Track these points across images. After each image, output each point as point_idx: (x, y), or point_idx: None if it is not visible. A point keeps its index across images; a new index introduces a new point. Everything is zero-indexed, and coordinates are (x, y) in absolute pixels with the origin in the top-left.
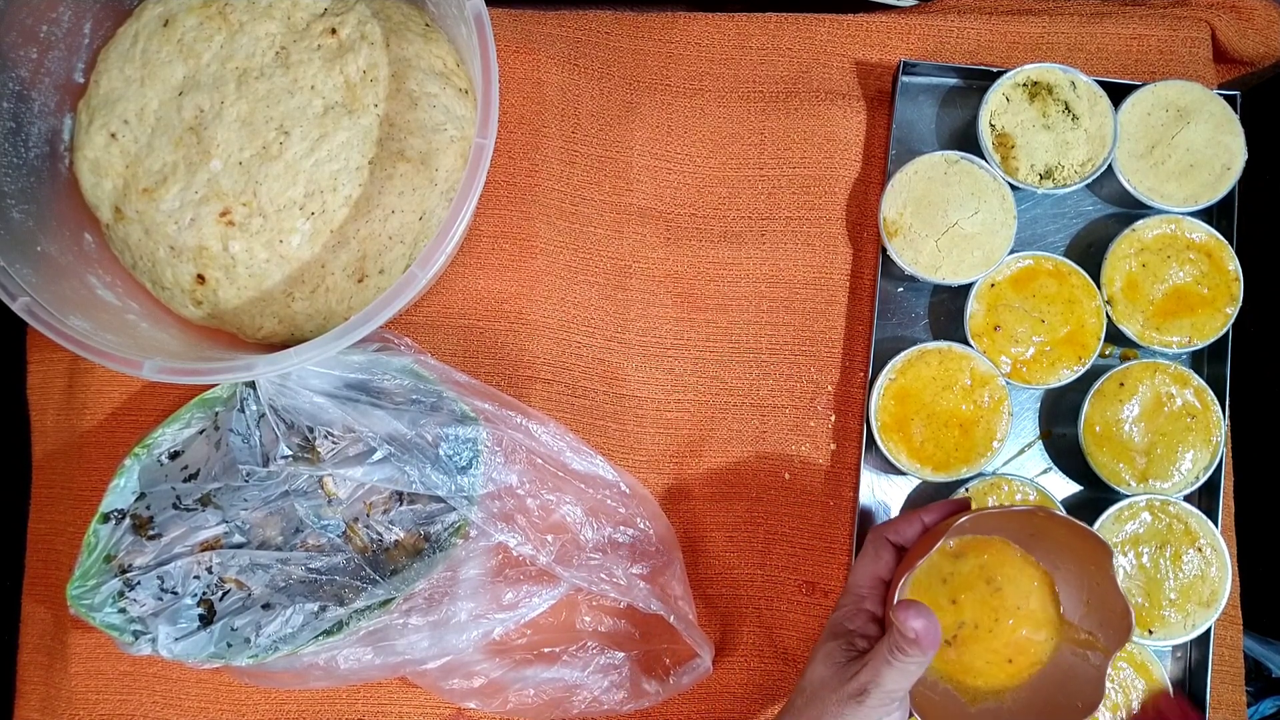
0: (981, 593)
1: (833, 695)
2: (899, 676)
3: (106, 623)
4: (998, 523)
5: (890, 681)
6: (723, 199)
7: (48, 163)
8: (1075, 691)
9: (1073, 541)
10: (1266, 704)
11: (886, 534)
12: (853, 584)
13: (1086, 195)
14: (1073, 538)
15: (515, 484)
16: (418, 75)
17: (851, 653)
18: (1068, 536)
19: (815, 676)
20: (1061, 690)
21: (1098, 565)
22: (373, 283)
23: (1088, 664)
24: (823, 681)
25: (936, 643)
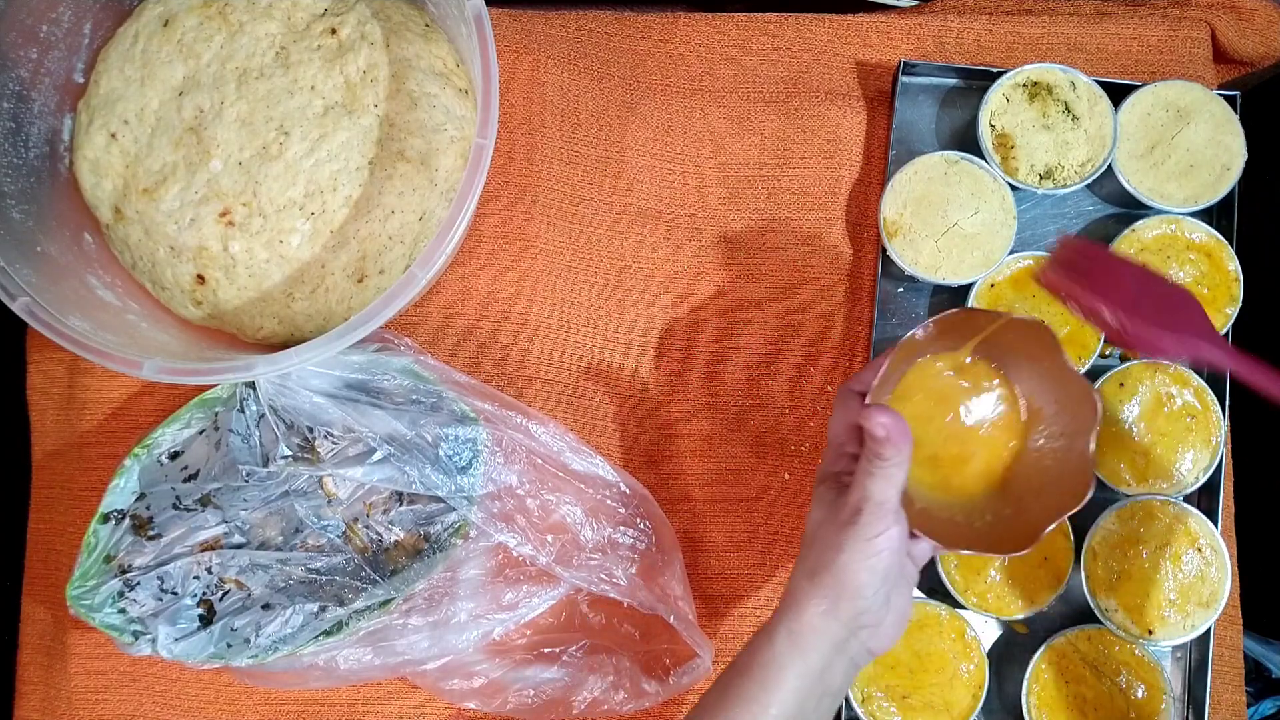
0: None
1: (831, 527)
2: (883, 483)
3: (106, 623)
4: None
5: (877, 490)
6: (723, 199)
7: (48, 163)
8: (1066, 481)
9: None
10: (1266, 704)
11: (851, 385)
12: (830, 437)
13: (1086, 195)
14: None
15: (515, 484)
16: (418, 75)
17: (840, 489)
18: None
19: (813, 521)
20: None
21: (1050, 356)
22: (373, 283)
23: (1072, 453)
24: (819, 521)
25: (907, 436)
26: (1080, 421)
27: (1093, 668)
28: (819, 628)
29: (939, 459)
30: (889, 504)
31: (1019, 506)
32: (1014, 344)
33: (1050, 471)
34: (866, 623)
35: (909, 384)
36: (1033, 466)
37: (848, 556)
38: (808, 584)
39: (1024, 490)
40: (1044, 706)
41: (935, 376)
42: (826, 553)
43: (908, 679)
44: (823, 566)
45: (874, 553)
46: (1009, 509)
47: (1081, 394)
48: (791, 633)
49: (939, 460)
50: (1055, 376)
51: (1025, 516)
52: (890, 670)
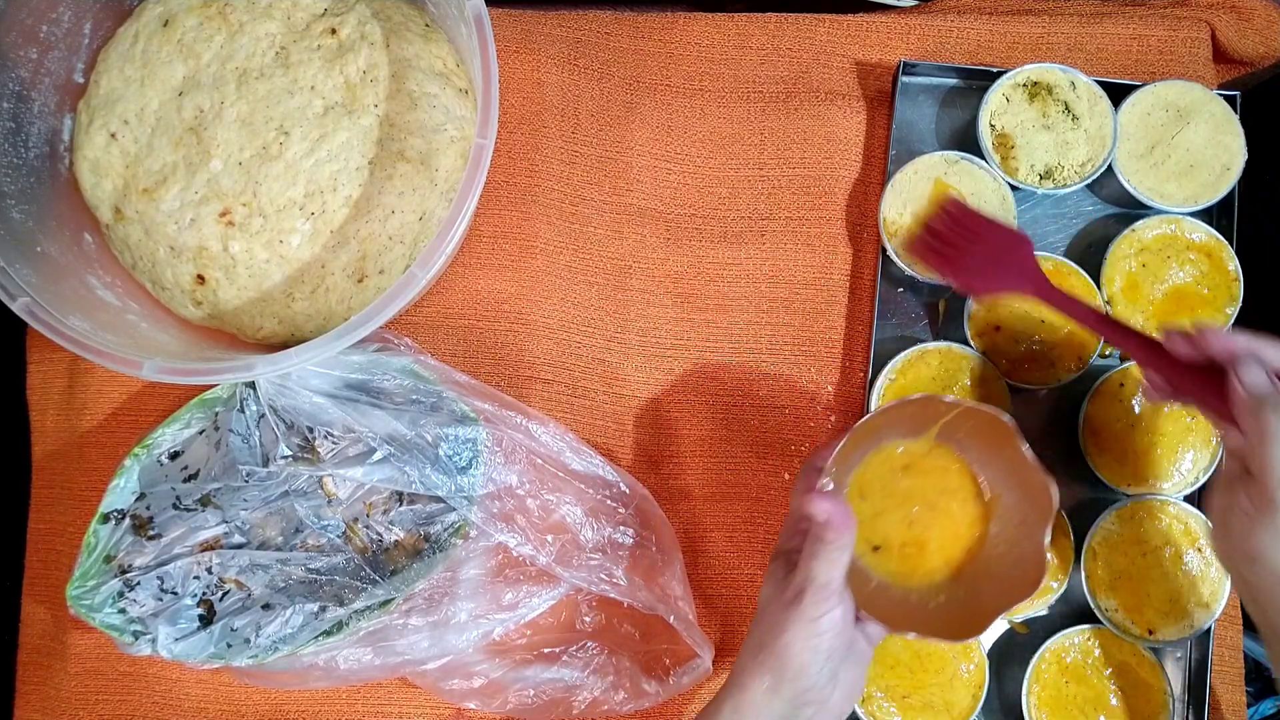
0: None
1: (776, 605)
2: (825, 565)
3: (106, 623)
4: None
5: (820, 572)
6: (723, 199)
7: (48, 163)
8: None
9: (980, 427)
10: (1266, 704)
11: (815, 461)
12: (790, 511)
13: (1086, 195)
14: (978, 424)
15: (515, 484)
16: (418, 75)
17: (790, 568)
18: (974, 423)
19: (763, 596)
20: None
21: (1009, 445)
22: (373, 283)
23: (1029, 543)
24: (768, 598)
25: (849, 522)
26: (1037, 511)
27: (1093, 668)
28: (761, 705)
29: (898, 542)
30: (832, 585)
31: (973, 591)
32: (974, 431)
33: (1005, 559)
34: (811, 700)
35: (870, 467)
36: (989, 553)
37: (790, 636)
38: (752, 661)
39: (979, 576)
40: (1044, 706)
41: (897, 460)
42: (771, 631)
43: (908, 679)
44: (766, 645)
45: (817, 633)
46: (963, 593)
47: (1039, 485)
48: (735, 708)
49: (897, 543)
50: (1014, 466)
51: (978, 602)
52: (890, 670)
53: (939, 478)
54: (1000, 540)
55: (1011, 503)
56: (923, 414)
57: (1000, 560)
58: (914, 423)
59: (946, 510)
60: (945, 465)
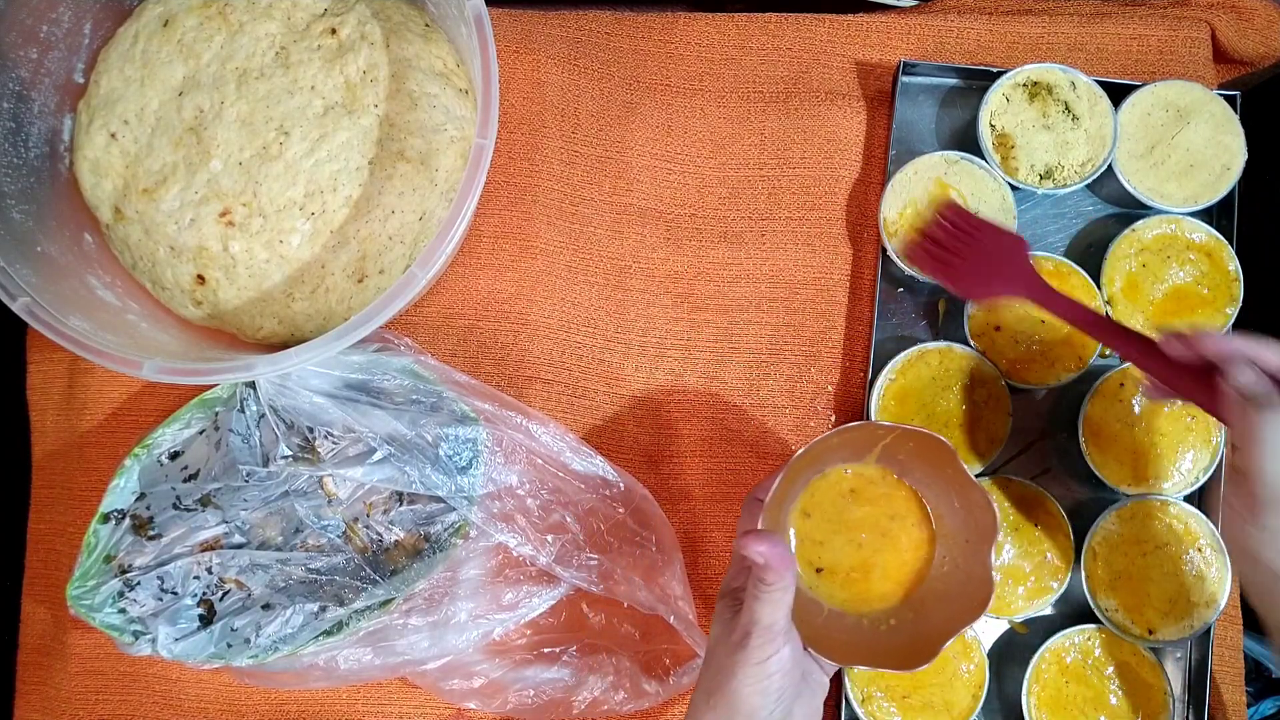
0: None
1: (724, 648)
2: (768, 607)
3: (106, 623)
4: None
5: (764, 615)
6: (723, 199)
7: (48, 163)
8: (969, 591)
9: (920, 450)
10: (1266, 704)
11: (756, 493)
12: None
13: (1086, 195)
14: (919, 446)
15: (515, 484)
16: (418, 75)
17: (736, 608)
18: (914, 445)
19: (712, 637)
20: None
21: (950, 466)
22: (373, 283)
23: (975, 563)
24: (716, 639)
25: (788, 563)
26: (981, 532)
27: (1093, 668)
28: None
29: (845, 567)
30: (777, 626)
31: (922, 615)
32: (916, 454)
33: (953, 581)
34: None
35: (814, 494)
36: (936, 576)
37: (739, 681)
38: (704, 707)
39: (928, 599)
40: (1044, 706)
41: (842, 485)
42: (719, 676)
43: (908, 679)
44: (716, 689)
45: (765, 675)
46: (912, 617)
47: (981, 505)
48: None
49: (845, 568)
50: (957, 487)
51: (928, 625)
52: None
53: (884, 502)
54: (946, 562)
55: (956, 525)
56: (863, 439)
57: (948, 582)
58: (855, 448)
59: (892, 534)
60: (889, 489)
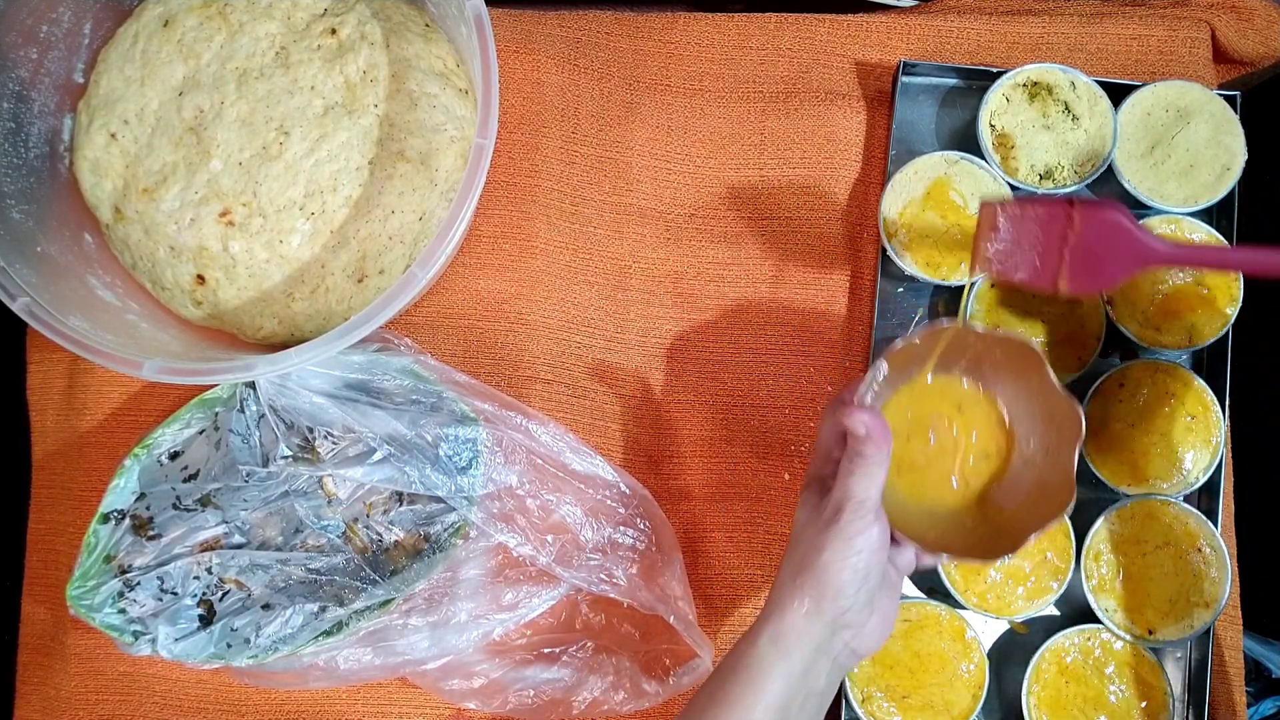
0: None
1: (813, 528)
2: (864, 481)
3: (106, 623)
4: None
5: (858, 488)
6: (723, 199)
7: (48, 163)
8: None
9: (1008, 356)
10: (1266, 704)
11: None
12: (819, 443)
13: (1086, 195)
14: (1006, 352)
15: (515, 484)
16: (418, 75)
17: (824, 492)
18: (1001, 353)
19: (798, 523)
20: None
21: (1036, 373)
22: (373, 283)
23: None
24: (803, 523)
25: (887, 435)
26: (1064, 436)
27: (1093, 668)
28: (801, 629)
29: (925, 472)
30: (869, 502)
31: (1003, 517)
32: (1002, 361)
33: (1034, 484)
34: (849, 622)
35: (900, 399)
36: (1016, 479)
37: (829, 556)
38: (790, 585)
39: (1008, 502)
40: (1044, 706)
41: (924, 393)
42: (809, 554)
43: (908, 679)
44: (805, 567)
45: (854, 551)
46: (993, 520)
47: (1067, 410)
48: (774, 634)
49: (925, 473)
50: (1041, 393)
51: (1009, 526)
52: (890, 670)
53: (966, 407)
54: (1028, 466)
55: (1038, 430)
56: (952, 345)
57: (1029, 485)
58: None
59: (974, 438)
60: (972, 394)
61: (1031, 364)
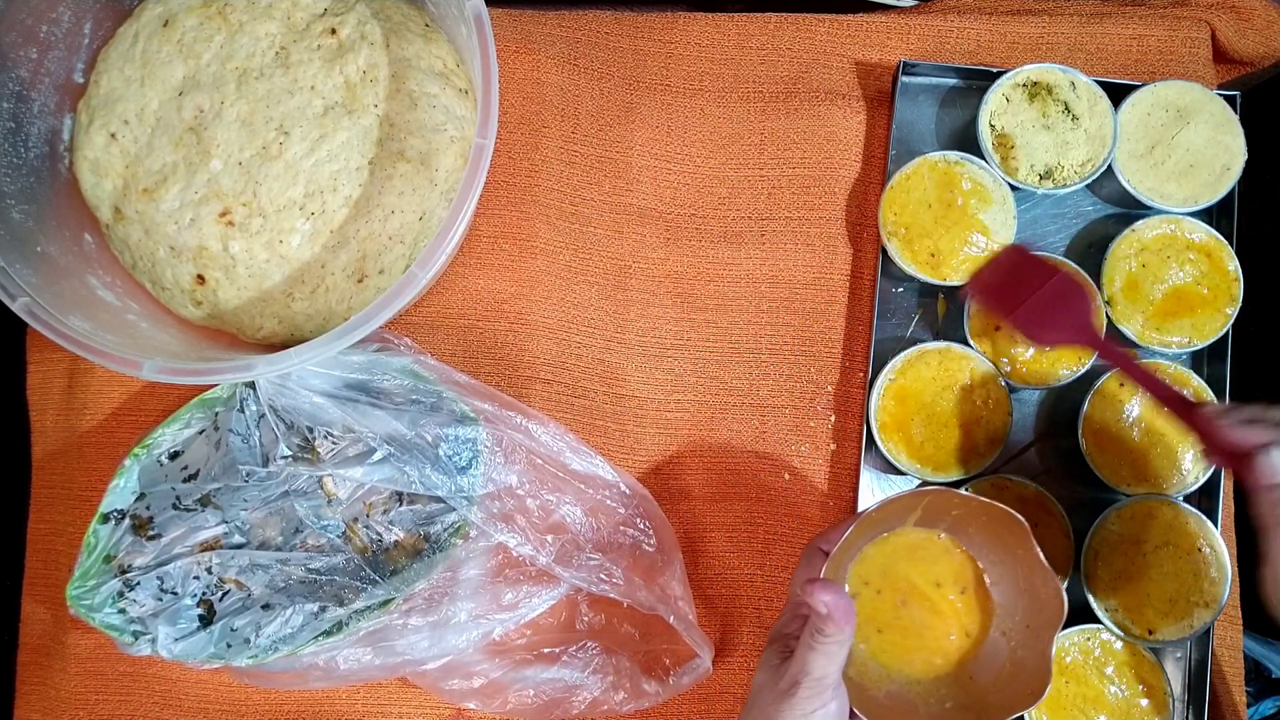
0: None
1: (769, 695)
2: (822, 659)
3: (106, 623)
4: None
5: (816, 666)
6: (723, 199)
7: (48, 163)
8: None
9: (992, 524)
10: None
11: (820, 543)
12: (792, 592)
13: (1086, 195)
14: (990, 519)
15: (515, 484)
16: (418, 75)
17: (786, 654)
18: (986, 519)
19: (756, 683)
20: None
21: (1022, 546)
22: (373, 283)
23: (1034, 649)
24: (760, 686)
25: (850, 617)
26: (1045, 616)
27: (1093, 668)
28: None
29: (897, 637)
30: (828, 680)
31: (976, 696)
32: (986, 527)
33: (1010, 660)
34: None
35: (876, 554)
36: (993, 656)
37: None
38: None
39: (982, 679)
40: (1044, 706)
41: (903, 550)
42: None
43: None
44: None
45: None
46: (966, 697)
47: (1050, 591)
48: None
49: (896, 634)
50: (1025, 568)
51: (981, 701)
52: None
53: (946, 573)
54: (1005, 643)
55: (1019, 604)
56: (936, 504)
57: (1006, 664)
58: (926, 512)
59: (951, 605)
60: (954, 561)
61: (1017, 535)
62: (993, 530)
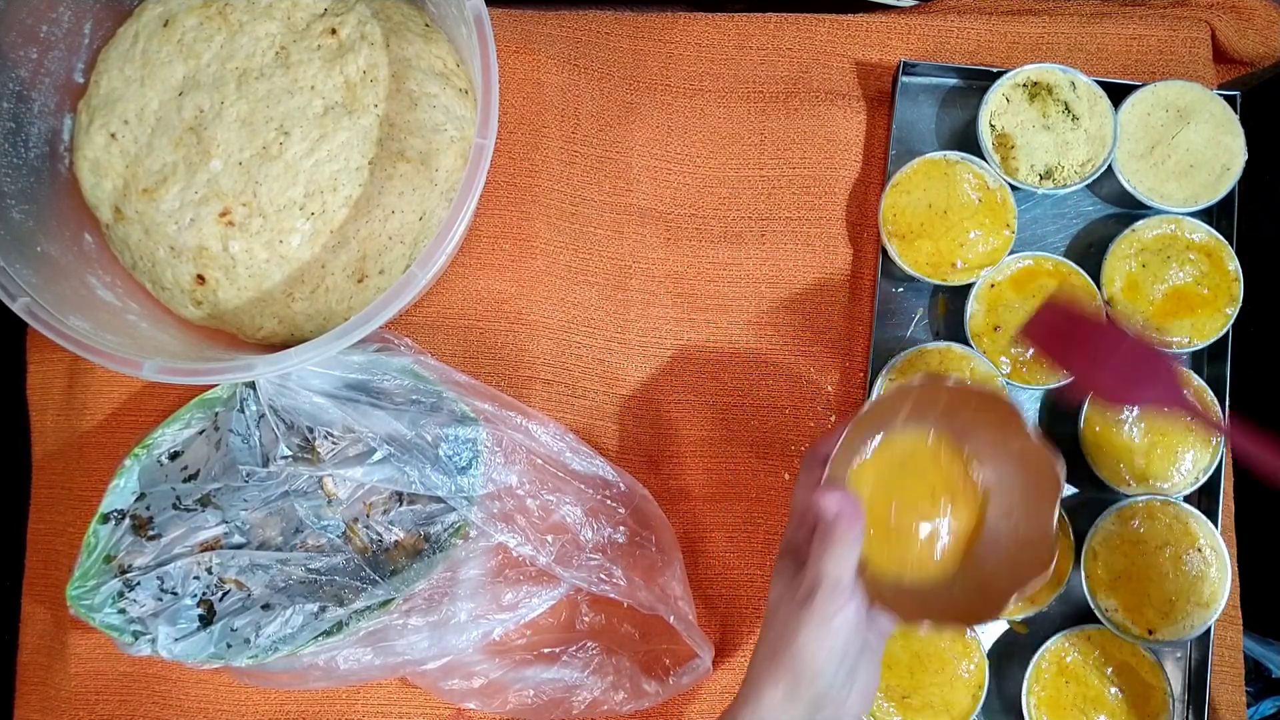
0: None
1: (788, 605)
2: (836, 561)
3: (106, 623)
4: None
5: (830, 569)
6: (723, 199)
7: (48, 163)
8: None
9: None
10: (1266, 704)
11: (817, 451)
12: (794, 506)
13: (1086, 195)
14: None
15: (515, 484)
16: (418, 75)
17: (799, 564)
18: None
19: (773, 597)
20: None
21: (1012, 426)
22: (373, 283)
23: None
24: (778, 599)
25: (858, 515)
26: (1043, 492)
27: (1093, 668)
28: (780, 712)
29: (901, 533)
30: (844, 581)
31: (982, 577)
32: (977, 415)
33: (1013, 541)
34: (829, 701)
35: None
36: (995, 537)
37: (804, 638)
38: (767, 667)
39: (988, 563)
40: (1044, 706)
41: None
42: (784, 635)
43: (908, 679)
44: (780, 649)
45: (831, 633)
46: (974, 579)
47: (1045, 466)
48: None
49: (901, 534)
50: (1018, 447)
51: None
52: (890, 670)
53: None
54: (1005, 523)
55: (1016, 484)
56: (924, 399)
57: (1008, 544)
58: (916, 409)
59: (951, 496)
60: (947, 450)
61: (1007, 418)
62: (982, 415)
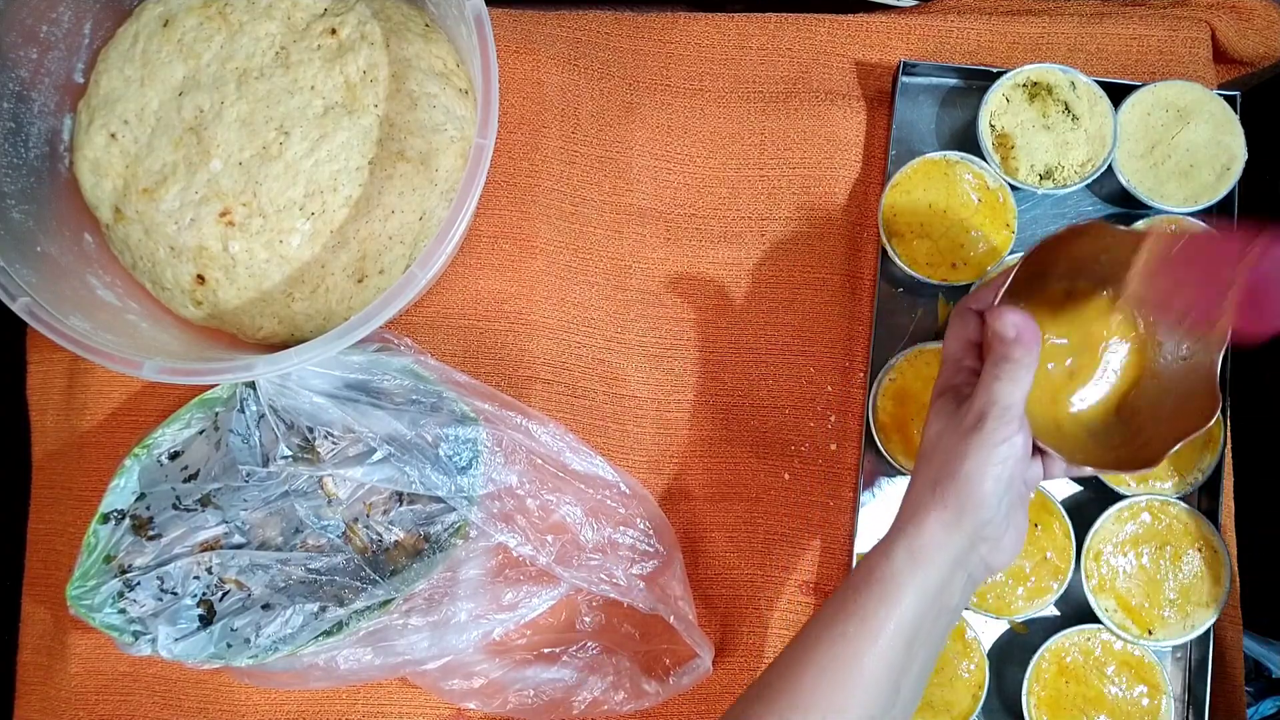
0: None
1: (953, 436)
2: (1010, 386)
3: (106, 623)
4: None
5: (1003, 394)
6: (723, 199)
7: (48, 163)
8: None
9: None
10: (1266, 704)
11: (968, 304)
12: (946, 355)
13: (1086, 195)
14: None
15: (515, 484)
16: (418, 75)
17: (960, 400)
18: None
19: (931, 432)
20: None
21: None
22: (373, 283)
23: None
24: (939, 432)
25: (1036, 337)
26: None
27: (1093, 668)
28: (940, 541)
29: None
30: (1014, 409)
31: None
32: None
33: (1174, 392)
34: (988, 535)
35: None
36: (1156, 387)
37: (972, 464)
38: (929, 495)
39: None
40: (1044, 706)
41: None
42: (950, 462)
43: None
44: (945, 476)
45: (998, 460)
46: (1133, 429)
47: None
48: (911, 547)
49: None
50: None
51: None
52: None
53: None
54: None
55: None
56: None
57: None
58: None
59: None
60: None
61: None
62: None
